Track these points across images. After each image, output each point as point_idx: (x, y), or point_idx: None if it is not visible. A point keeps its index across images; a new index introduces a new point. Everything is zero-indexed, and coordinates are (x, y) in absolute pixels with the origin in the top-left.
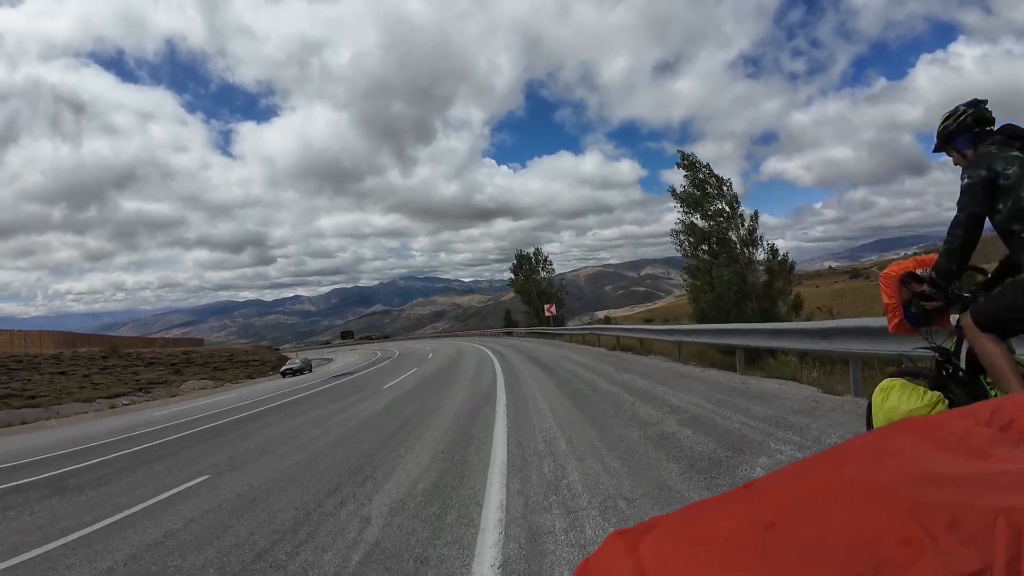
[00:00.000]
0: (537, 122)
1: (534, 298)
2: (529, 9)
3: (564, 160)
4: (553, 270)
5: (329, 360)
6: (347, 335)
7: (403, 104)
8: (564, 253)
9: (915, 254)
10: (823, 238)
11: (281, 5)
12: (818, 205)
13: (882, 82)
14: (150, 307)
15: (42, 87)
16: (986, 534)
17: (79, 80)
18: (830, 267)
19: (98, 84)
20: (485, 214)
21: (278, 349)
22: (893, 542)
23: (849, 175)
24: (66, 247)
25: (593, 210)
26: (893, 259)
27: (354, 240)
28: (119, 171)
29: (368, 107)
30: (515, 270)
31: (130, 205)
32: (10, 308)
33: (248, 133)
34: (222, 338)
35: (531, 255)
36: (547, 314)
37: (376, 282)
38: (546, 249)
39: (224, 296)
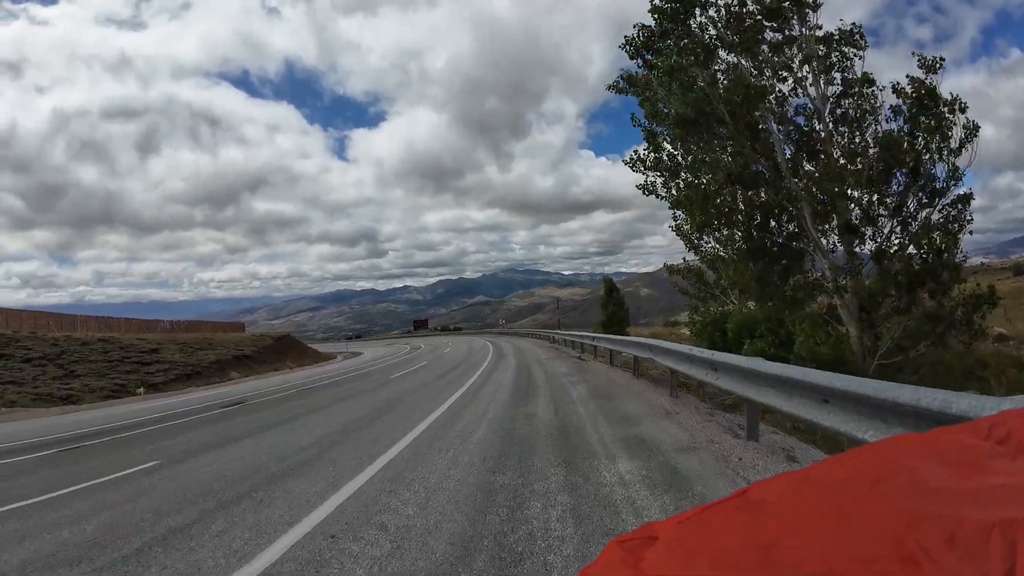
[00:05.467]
0: (634, 110)
1: (770, 145)
2: None
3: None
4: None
5: (358, 354)
6: (420, 324)
7: (497, 101)
8: (668, 246)
9: None
10: None
11: (380, 17)
12: None
13: (1016, 53)
14: (281, 294)
15: (177, 103)
16: (982, 548)
17: (211, 97)
18: (981, 262)
19: (229, 100)
20: (583, 207)
21: (256, 337)
22: (893, 561)
23: (992, 158)
24: (208, 241)
25: None
26: None
27: (457, 234)
28: (252, 176)
29: (465, 106)
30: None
31: (261, 206)
32: (159, 294)
33: (360, 139)
34: (340, 323)
35: None
36: None
37: (479, 274)
38: (649, 243)
39: (343, 285)
